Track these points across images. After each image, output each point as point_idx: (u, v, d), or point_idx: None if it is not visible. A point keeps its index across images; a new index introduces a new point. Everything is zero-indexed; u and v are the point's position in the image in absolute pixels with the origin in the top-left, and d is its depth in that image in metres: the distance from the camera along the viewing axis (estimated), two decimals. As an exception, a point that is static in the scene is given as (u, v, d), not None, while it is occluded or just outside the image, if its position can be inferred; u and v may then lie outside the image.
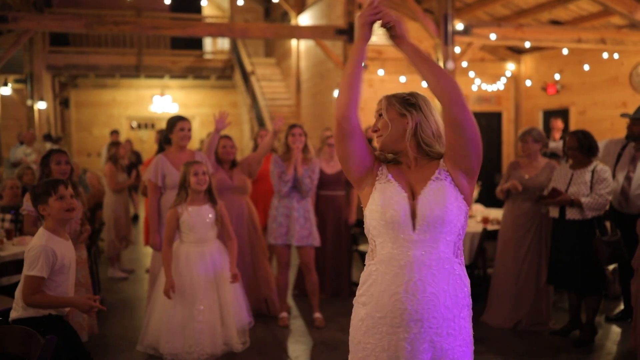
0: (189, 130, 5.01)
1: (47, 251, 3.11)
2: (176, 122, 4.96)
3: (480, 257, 5.78)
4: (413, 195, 2.11)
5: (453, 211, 2.09)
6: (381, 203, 2.10)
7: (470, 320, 2.20)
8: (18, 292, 3.17)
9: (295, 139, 5.16)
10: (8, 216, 5.62)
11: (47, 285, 3.14)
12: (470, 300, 2.19)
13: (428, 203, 2.08)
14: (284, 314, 5.46)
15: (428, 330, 2.06)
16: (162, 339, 4.04)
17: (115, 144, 7.91)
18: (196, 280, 4.06)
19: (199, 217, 4.12)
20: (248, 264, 5.52)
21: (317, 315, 5.44)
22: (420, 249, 2.07)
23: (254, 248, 5.61)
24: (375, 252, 2.15)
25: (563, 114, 11.48)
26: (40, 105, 13.80)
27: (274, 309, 5.62)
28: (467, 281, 2.18)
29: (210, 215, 4.17)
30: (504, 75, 13.03)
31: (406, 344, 2.06)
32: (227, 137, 5.60)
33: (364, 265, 2.24)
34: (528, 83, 12.87)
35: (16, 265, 4.42)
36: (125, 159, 8.64)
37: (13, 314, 3.19)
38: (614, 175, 5.26)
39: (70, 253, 3.29)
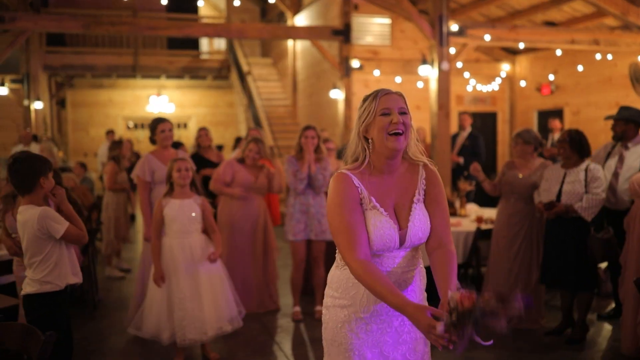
0: (170, 130, 5.28)
1: (52, 211, 3.27)
2: (157, 125, 5.24)
3: (474, 256, 5.84)
4: (400, 223, 2.22)
5: (428, 230, 2.26)
6: (373, 233, 2.18)
7: None
8: (28, 271, 3.29)
9: (308, 141, 5.38)
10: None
11: (59, 246, 3.28)
12: None
13: (415, 232, 2.22)
14: (296, 309, 5.63)
15: (406, 323, 2.24)
16: (147, 324, 4.30)
17: (117, 144, 7.93)
18: (178, 270, 4.27)
19: (181, 210, 4.31)
20: (260, 261, 5.78)
21: (319, 308, 5.56)
22: (402, 262, 2.25)
23: (267, 247, 5.86)
24: None
25: (557, 114, 11.57)
26: (37, 105, 13.84)
27: (277, 300, 5.94)
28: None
29: (193, 209, 4.35)
30: (499, 76, 13.12)
31: (388, 337, 2.25)
32: (256, 141, 5.76)
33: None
34: (522, 84, 12.96)
35: (11, 264, 4.44)
36: (126, 160, 8.66)
37: (28, 289, 3.27)
38: (602, 173, 5.36)
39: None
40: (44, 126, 14.56)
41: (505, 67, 13.20)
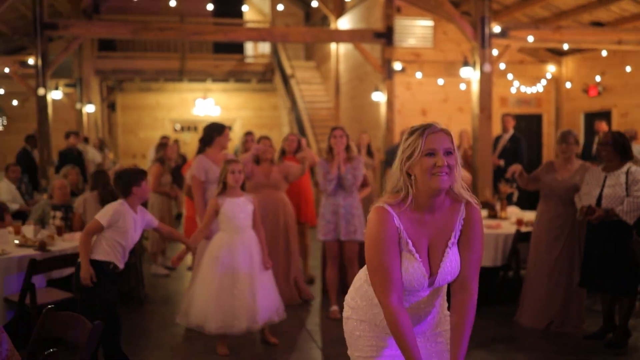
0: (228, 136, 5.74)
1: (118, 211, 3.99)
2: (225, 129, 5.70)
3: (514, 258, 5.82)
4: (431, 268, 2.26)
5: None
6: (403, 276, 2.22)
7: None
8: None
9: (337, 140, 5.49)
10: (59, 214, 5.94)
11: (105, 236, 4.00)
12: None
13: (444, 276, 2.27)
14: (334, 307, 5.69)
15: (428, 329, 2.38)
16: (207, 317, 4.52)
17: (163, 146, 8.19)
18: (237, 264, 4.56)
19: (237, 207, 4.61)
20: (281, 253, 6.03)
21: None
22: (426, 298, 2.33)
23: (289, 242, 6.13)
24: None
25: (605, 116, 11.31)
26: (89, 108, 14.35)
27: (304, 292, 6.25)
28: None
29: (247, 206, 4.66)
30: (544, 77, 12.90)
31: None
32: (267, 138, 6.23)
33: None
34: (568, 85, 12.72)
35: (66, 259, 4.69)
36: (172, 161, 8.91)
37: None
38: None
39: (133, 222, 4.06)
40: (96, 129, 15.06)
41: (550, 69, 12.97)
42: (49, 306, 2.86)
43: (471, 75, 9.03)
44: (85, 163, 10.56)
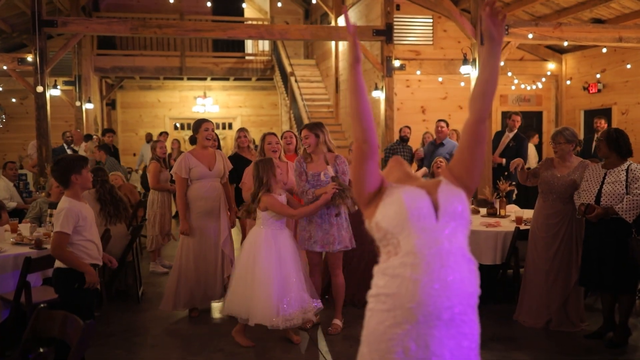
0: (213, 130, 5.62)
1: (72, 211, 3.77)
2: (201, 124, 5.59)
3: (513, 256, 5.78)
4: (430, 194, 2.24)
5: (466, 208, 2.24)
6: (404, 199, 2.18)
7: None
8: None
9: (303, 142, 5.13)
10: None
11: (73, 242, 3.79)
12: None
13: (446, 197, 2.23)
14: None
15: (456, 317, 2.13)
16: (247, 308, 4.62)
17: (157, 143, 8.19)
18: (287, 258, 4.71)
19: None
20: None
21: (336, 321, 5.25)
22: (445, 238, 2.17)
23: None
24: (399, 248, 2.18)
25: (605, 113, 11.28)
26: (88, 106, 14.32)
27: None
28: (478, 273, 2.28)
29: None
30: (545, 75, 12.87)
31: (436, 331, 2.11)
32: (273, 134, 5.75)
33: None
34: (568, 82, 12.70)
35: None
36: (172, 158, 8.90)
37: (56, 264, 3.86)
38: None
39: (89, 213, 3.94)
40: (95, 126, 15.04)
41: (550, 66, 12.94)
42: (42, 305, 2.83)
43: (471, 72, 8.99)
44: None
